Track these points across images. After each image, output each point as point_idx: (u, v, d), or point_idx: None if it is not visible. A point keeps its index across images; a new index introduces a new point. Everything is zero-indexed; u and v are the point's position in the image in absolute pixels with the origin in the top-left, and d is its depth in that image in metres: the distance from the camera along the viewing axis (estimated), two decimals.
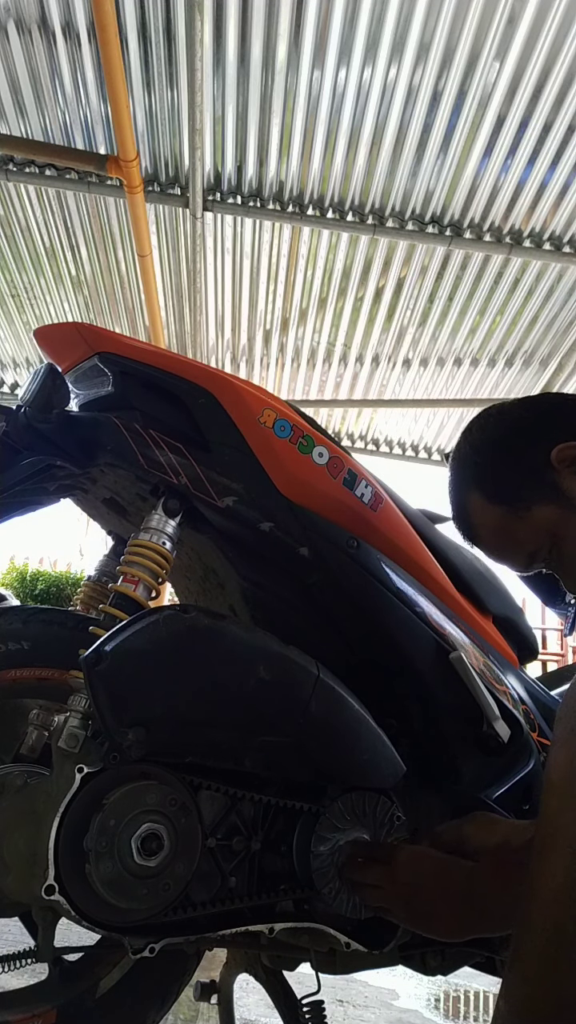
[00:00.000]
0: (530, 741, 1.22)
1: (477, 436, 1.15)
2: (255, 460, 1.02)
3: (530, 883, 0.69)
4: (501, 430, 1.12)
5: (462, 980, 2.23)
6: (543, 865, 0.69)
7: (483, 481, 1.11)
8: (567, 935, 0.65)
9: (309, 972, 1.04)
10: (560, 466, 1.04)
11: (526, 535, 1.06)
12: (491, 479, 1.10)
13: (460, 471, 1.15)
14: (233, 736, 0.92)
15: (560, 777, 0.71)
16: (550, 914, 0.66)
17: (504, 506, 1.08)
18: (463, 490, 1.14)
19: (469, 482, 1.13)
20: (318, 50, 3.27)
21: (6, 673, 1.05)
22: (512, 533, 1.08)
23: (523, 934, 0.68)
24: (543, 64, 3.20)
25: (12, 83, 3.61)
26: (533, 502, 1.05)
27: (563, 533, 1.04)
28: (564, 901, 0.66)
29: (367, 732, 1.00)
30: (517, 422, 1.11)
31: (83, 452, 1.01)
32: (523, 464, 1.06)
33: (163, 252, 4.65)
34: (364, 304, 4.89)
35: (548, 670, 6.07)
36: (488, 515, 1.10)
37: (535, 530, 1.05)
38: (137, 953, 0.86)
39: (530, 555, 1.08)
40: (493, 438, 1.12)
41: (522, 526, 1.06)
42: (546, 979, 0.65)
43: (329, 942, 1.00)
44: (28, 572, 7.56)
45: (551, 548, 1.06)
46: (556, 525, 1.04)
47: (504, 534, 1.09)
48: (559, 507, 1.03)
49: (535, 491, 1.05)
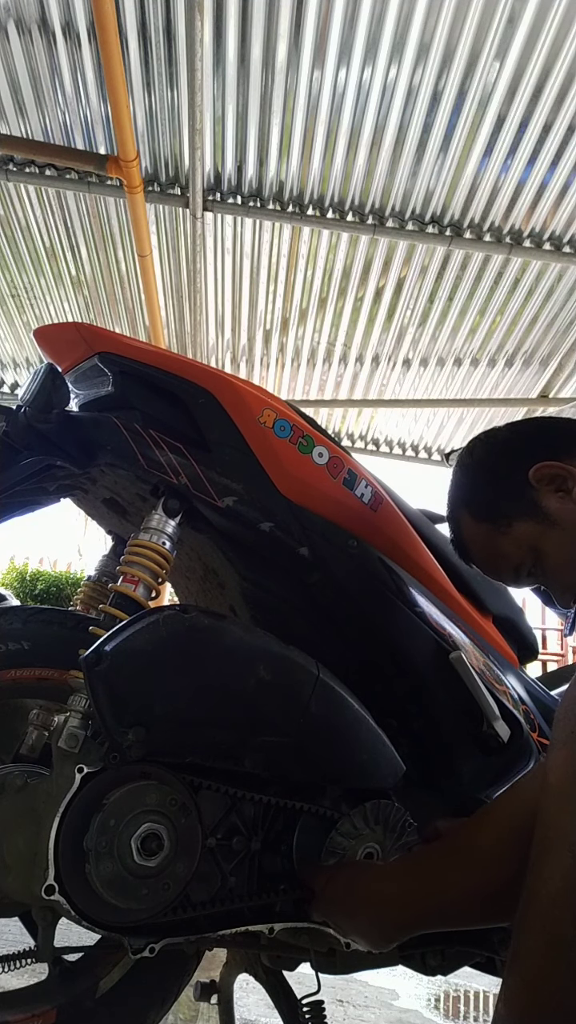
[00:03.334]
0: (530, 741, 1.22)
1: (467, 459, 1.22)
2: (255, 460, 1.02)
3: (528, 886, 0.69)
4: (488, 453, 1.19)
5: (462, 980, 2.23)
6: (542, 868, 0.69)
7: (471, 501, 1.18)
8: (566, 938, 0.65)
9: (309, 972, 1.04)
10: (538, 484, 1.09)
11: (510, 551, 1.12)
12: (477, 499, 1.17)
13: (454, 493, 1.22)
14: (233, 736, 0.92)
15: (558, 780, 0.71)
16: (549, 917, 0.66)
17: (489, 524, 1.14)
18: (456, 510, 1.20)
19: (460, 502, 1.20)
20: (318, 50, 3.27)
21: (6, 673, 1.05)
22: (498, 549, 1.13)
23: (523, 936, 0.68)
24: (543, 64, 3.20)
25: (12, 83, 3.61)
26: (514, 519, 1.11)
27: (544, 548, 1.09)
28: (563, 904, 0.66)
29: (367, 732, 1.01)
30: (502, 444, 1.18)
31: (83, 452, 1.01)
32: (505, 483, 1.13)
33: (163, 252, 4.65)
34: (364, 304, 4.89)
35: (548, 670, 6.07)
36: (476, 533, 1.16)
37: (518, 546, 1.11)
38: (137, 953, 0.86)
39: (515, 569, 1.13)
40: (480, 460, 1.19)
41: (506, 542, 1.12)
42: (545, 982, 0.66)
43: (329, 942, 1.00)
44: (28, 572, 7.56)
45: (535, 563, 1.11)
46: (537, 540, 1.09)
47: (490, 550, 1.15)
48: (538, 523, 1.09)
49: (516, 508, 1.11)
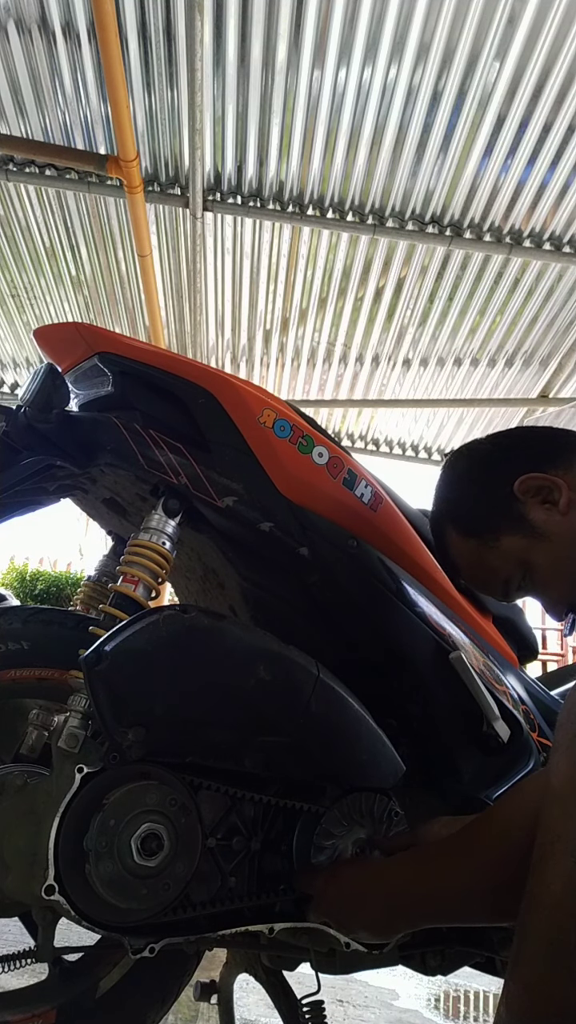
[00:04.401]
0: (530, 741, 1.22)
1: (449, 473, 1.20)
2: (255, 460, 1.02)
3: (530, 890, 0.69)
4: (469, 466, 1.17)
5: (462, 980, 2.22)
6: (544, 872, 0.68)
7: (456, 516, 1.16)
8: (568, 942, 0.65)
9: (309, 972, 1.04)
10: (524, 496, 1.08)
11: (498, 565, 1.11)
12: (462, 513, 1.15)
13: (437, 508, 1.20)
14: (233, 736, 0.92)
15: (561, 784, 0.71)
16: (551, 921, 0.66)
17: (475, 538, 1.12)
18: (440, 526, 1.19)
19: (445, 518, 1.18)
20: (318, 50, 3.27)
21: (6, 673, 1.05)
22: (485, 564, 1.12)
23: (524, 940, 0.68)
24: (543, 64, 3.20)
25: (12, 83, 3.61)
26: (501, 532, 1.09)
27: (533, 561, 1.08)
28: (565, 908, 0.66)
29: (367, 732, 1.00)
30: (485, 456, 1.16)
31: (83, 452, 1.01)
32: (490, 496, 1.11)
33: (163, 252, 4.65)
34: (364, 304, 4.89)
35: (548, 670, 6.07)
36: (463, 548, 1.15)
37: (506, 560, 1.10)
38: (137, 953, 0.86)
39: (504, 583, 1.12)
40: (463, 473, 1.18)
41: (494, 556, 1.10)
42: (547, 986, 0.65)
43: (329, 942, 1.00)
44: (28, 572, 7.57)
45: (524, 576, 1.10)
46: (525, 553, 1.08)
47: (479, 565, 1.13)
48: (525, 536, 1.07)
49: (502, 522, 1.09)
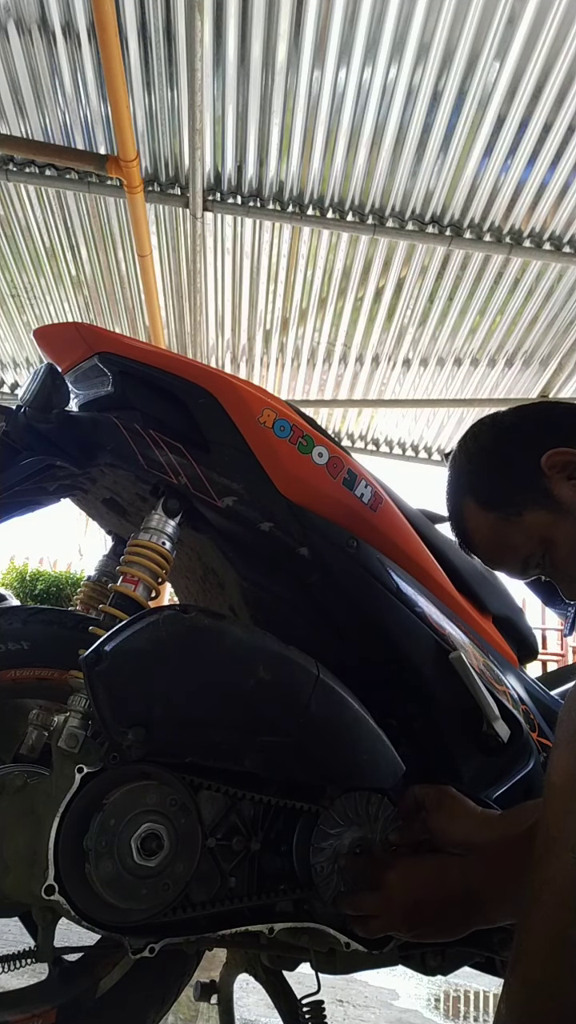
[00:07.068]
0: (530, 741, 1.22)
1: (471, 444, 1.16)
2: (255, 460, 1.02)
3: (531, 887, 0.69)
4: (494, 437, 1.14)
5: (462, 980, 2.22)
6: (545, 869, 0.68)
7: (477, 488, 1.13)
8: (569, 939, 0.65)
9: (309, 972, 1.04)
10: (551, 472, 1.05)
11: (519, 541, 1.08)
12: (484, 486, 1.12)
13: (455, 479, 1.17)
14: (233, 736, 0.92)
15: (562, 781, 0.71)
16: (552, 918, 0.66)
17: (497, 512, 1.09)
18: (458, 498, 1.15)
19: (464, 489, 1.15)
20: (318, 50, 3.27)
21: (6, 673, 1.05)
22: (505, 539, 1.09)
23: (525, 938, 0.68)
24: (543, 64, 3.20)
25: (12, 83, 3.61)
26: (525, 508, 1.06)
27: (555, 538, 1.05)
28: (566, 905, 0.66)
29: (367, 732, 1.00)
30: (509, 430, 1.13)
31: (83, 452, 1.01)
32: (515, 470, 1.08)
33: (163, 252, 4.65)
34: (364, 304, 4.89)
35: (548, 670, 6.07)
36: (482, 521, 1.11)
37: (528, 535, 1.07)
38: (137, 953, 0.86)
39: (524, 561, 1.09)
40: (486, 446, 1.14)
41: (515, 532, 1.07)
42: (547, 983, 0.65)
43: (329, 942, 1.00)
44: (28, 572, 7.56)
45: (544, 553, 1.07)
46: (548, 530, 1.05)
47: (498, 540, 1.10)
48: (550, 512, 1.05)
49: (527, 497, 1.06)
